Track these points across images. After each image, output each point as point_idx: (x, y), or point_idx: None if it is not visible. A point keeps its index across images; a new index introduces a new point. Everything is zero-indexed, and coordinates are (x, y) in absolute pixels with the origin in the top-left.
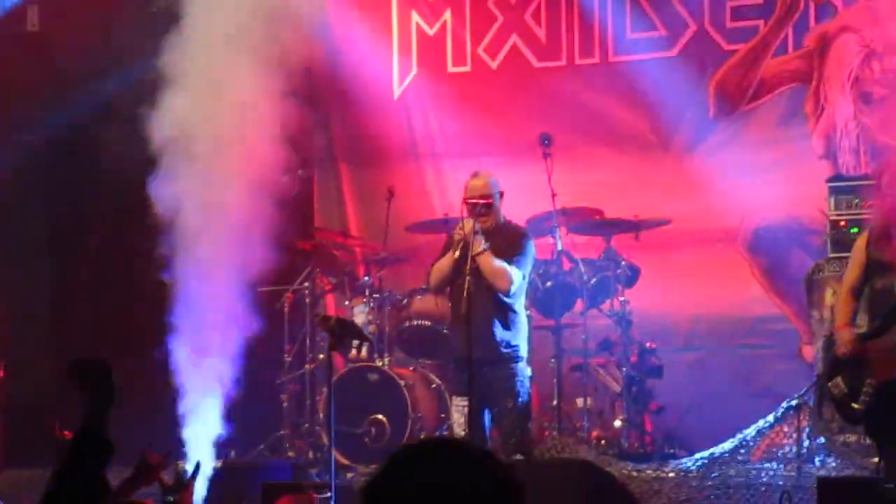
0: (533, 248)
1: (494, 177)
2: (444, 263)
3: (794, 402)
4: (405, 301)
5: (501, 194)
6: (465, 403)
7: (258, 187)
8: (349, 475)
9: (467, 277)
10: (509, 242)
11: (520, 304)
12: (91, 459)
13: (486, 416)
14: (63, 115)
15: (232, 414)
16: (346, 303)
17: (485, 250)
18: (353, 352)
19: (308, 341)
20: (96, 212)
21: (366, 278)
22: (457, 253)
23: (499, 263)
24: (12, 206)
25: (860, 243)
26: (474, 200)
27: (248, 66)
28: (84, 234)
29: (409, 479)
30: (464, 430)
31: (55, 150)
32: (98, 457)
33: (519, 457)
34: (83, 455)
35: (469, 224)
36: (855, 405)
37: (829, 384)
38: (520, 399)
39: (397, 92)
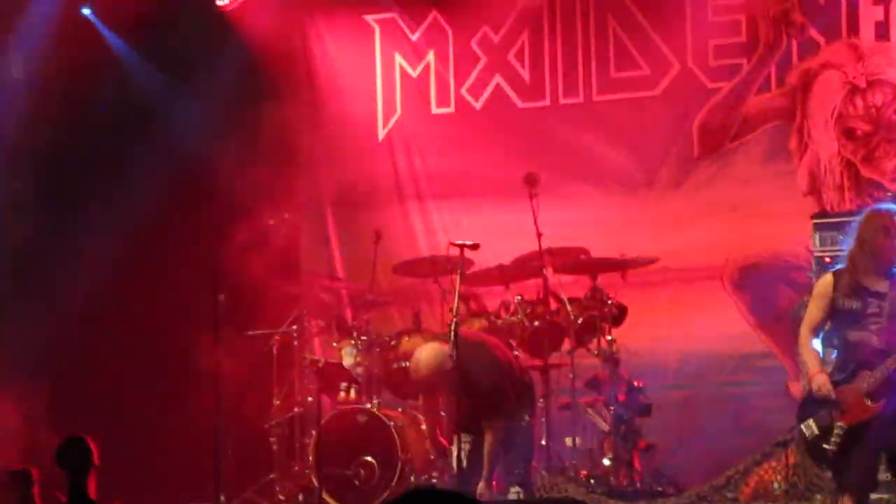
0: None
1: None
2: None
3: (782, 439)
4: (393, 342)
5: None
6: (467, 440)
7: None
8: None
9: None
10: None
11: None
12: None
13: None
14: None
15: (221, 457)
16: (334, 345)
17: None
18: (342, 394)
19: (297, 384)
20: None
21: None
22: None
23: None
24: None
25: (824, 286)
26: (461, 242)
27: None
28: None
29: None
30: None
31: None
32: None
33: (518, 489)
34: None
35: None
36: (826, 446)
37: (802, 425)
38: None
39: (382, 134)
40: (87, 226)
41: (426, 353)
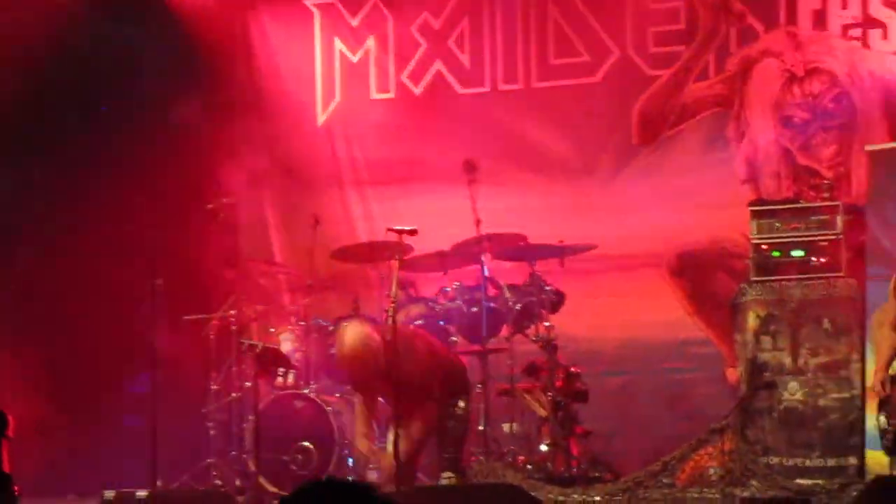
0: None
1: None
2: None
3: (718, 425)
4: (331, 328)
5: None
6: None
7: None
8: (275, 502)
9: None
10: None
11: None
12: None
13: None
14: None
15: (158, 442)
16: (272, 330)
17: None
18: (280, 379)
19: (235, 369)
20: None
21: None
22: None
23: None
24: None
25: None
26: (399, 227)
27: None
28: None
29: None
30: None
31: None
32: None
33: (449, 475)
34: None
35: None
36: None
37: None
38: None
39: (321, 119)
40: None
41: (350, 332)
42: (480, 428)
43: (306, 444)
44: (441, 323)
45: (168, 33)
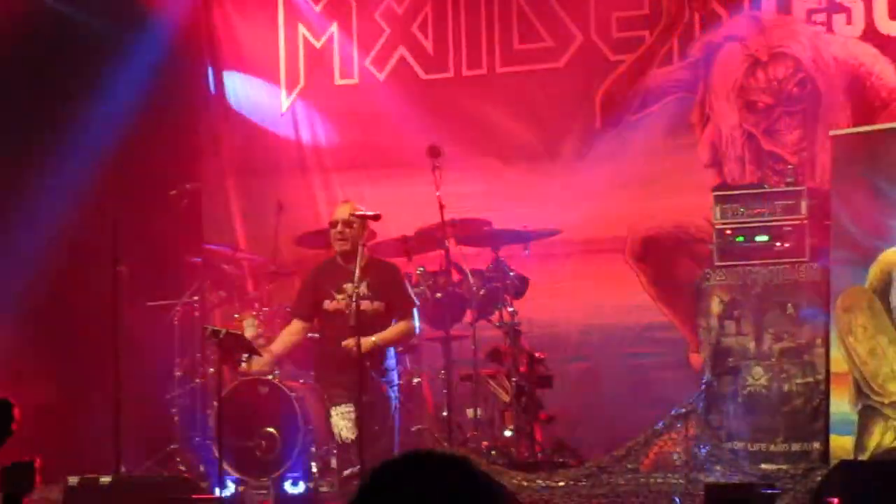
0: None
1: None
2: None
3: (682, 410)
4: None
5: (365, 224)
6: (351, 409)
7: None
8: (241, 488)
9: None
10: (387, 281)
11: None
12: None
13: None
14: None
15: (122, 428)
16: (236, 316)
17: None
18: (243, 365)
19: (199, 355)
20: None
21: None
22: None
23: (397, 332)
24: None
25: None
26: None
27: None
28: None
29: (397, 492)
30: (353, 434)
31: None
32: None
33: None
34: None
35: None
36: None
37: None
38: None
39: (285, 105)
40: None
41: None
42: (444, 414)
43: (270, 429)
44: None
45: (130, 18)
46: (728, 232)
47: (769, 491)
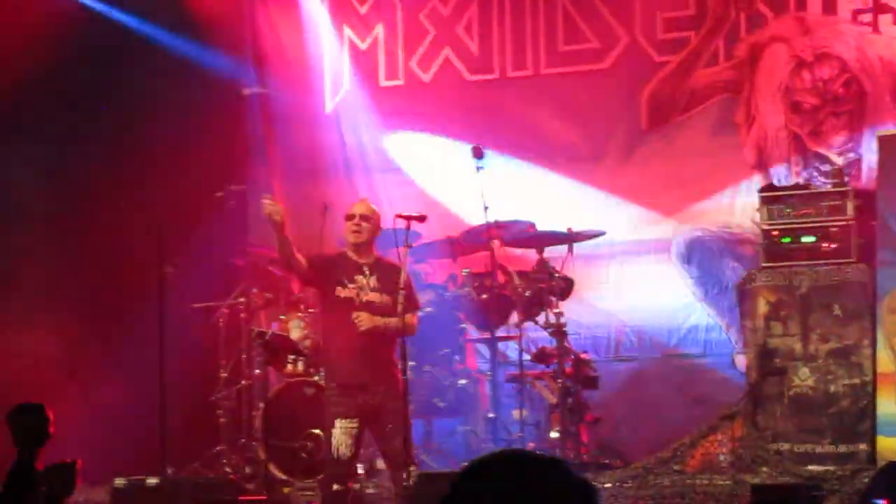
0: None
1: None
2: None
3: (728, 412)
4: None
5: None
6: (355, 426)
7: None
8: (286, 490)
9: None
10: (396, 280)
11: None
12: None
13: None
14: None
15: (168, 429)
16: (282, 317)
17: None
18: (289, 367)
19: (244, 357)
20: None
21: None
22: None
23: (402, 322)
24: None
25: None
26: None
27: None
28: None
29: (490, 490)
30: (351, 452)
31: None
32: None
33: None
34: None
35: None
36: None
37: None
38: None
39: (330, 106)
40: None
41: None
42: (490, 415)
43: (315, 430)
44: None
45: (178, 21)
46: (774, 233)
47: (816, 493)
